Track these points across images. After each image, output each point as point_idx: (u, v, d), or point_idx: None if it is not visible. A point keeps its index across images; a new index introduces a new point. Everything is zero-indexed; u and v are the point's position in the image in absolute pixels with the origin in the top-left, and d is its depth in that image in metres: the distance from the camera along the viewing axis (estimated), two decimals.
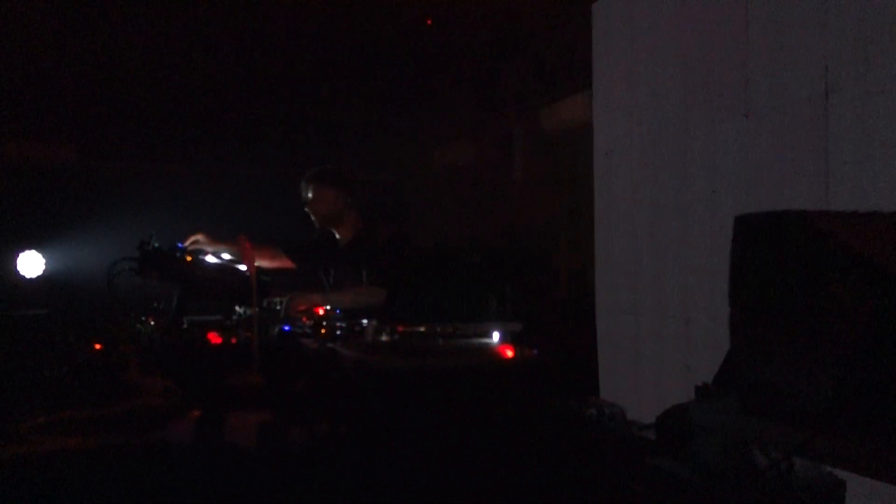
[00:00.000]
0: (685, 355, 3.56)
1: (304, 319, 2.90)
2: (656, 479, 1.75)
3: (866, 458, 1.11)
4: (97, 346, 2.61)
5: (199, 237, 3.39)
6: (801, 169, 2.93)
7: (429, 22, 5.57)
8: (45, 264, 6.64)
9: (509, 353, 2.15)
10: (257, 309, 2.66)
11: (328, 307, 3.13)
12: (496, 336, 2.32)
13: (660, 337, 3.77)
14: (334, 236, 3.89)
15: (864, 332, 1.15)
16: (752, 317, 1.42)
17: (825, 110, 2.82)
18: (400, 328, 2.53)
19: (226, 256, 3.31)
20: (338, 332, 2.60)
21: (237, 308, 3.01)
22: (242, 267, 3.07)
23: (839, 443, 1.15)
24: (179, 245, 3.23)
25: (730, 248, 1.50)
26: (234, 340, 2.61)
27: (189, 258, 3.08)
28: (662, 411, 2.00)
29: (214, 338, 2.63)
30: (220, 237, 3.46)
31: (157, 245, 2.97)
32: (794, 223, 1.38)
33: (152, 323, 2.90)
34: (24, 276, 6.55)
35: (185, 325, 2.90)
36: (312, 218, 3.82)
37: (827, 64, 2.82)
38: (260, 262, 3.36)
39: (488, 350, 2.23)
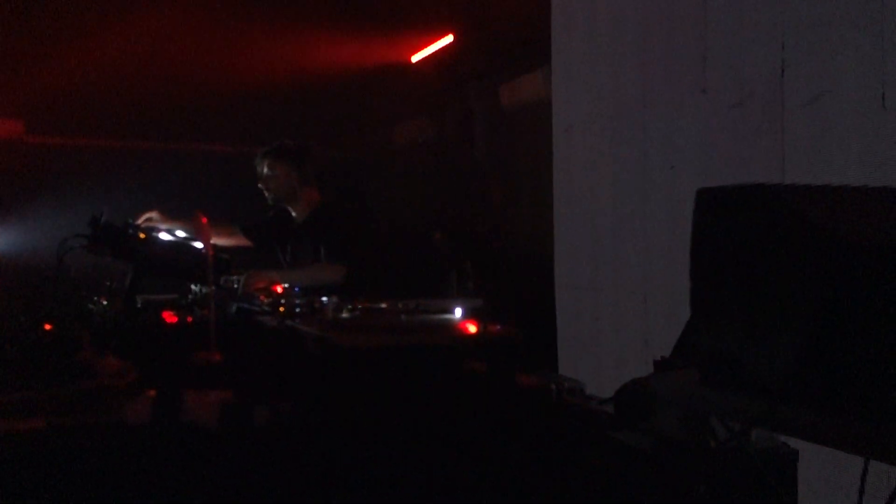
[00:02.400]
0: (644, 330, 3.60)
1: (261, 297, 2.86)
2: (615, 452, 1.76)
3: (823, 428, 1.13)
4: (47, 326, 2.55)
5: (153, 214, 3.32)
6: (757, 145, 2.96)
7: None
8: None
9: (472, 329, 2.14)
10: (214, 287, 2.62)
11: (286, 285, 3.09)
12: (458, 312, 2.32)
13: (619, 312, 3.81)
14: (290, 213, 3.84)
15: (821, 304, 1.16)
16: (712, 290, 1.43)
17: (781, 86, 2.85)
18: (361, 304, 2.51)
19: (180, 234, 3.25)
20: (297, 310, 2.57)
21: (193, 286, 2.96)
22: (198, 244, 3.01)
23: (797, 414, 1.17)
24: (132, 222, 3.16)
25: (688, 222, 1.51)
26: (189, 319, 2.57)
27: (143, 235, 3.01)
28: (621, 385, 2.02)
29: (170, 317, 2.59)
30: (174, 215, 3.39)
31: (109, 222, 2.89)
32: (754, 196, 1.38)
33: (105, 302, 2.84)
34: None
35: (139, 304, 2.85)
36: (266, 195, 3.77)
37: (783, 41, 2.84)
38: (216, 240, 3.31)
39: (451, 325, 2.23)
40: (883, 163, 2.44)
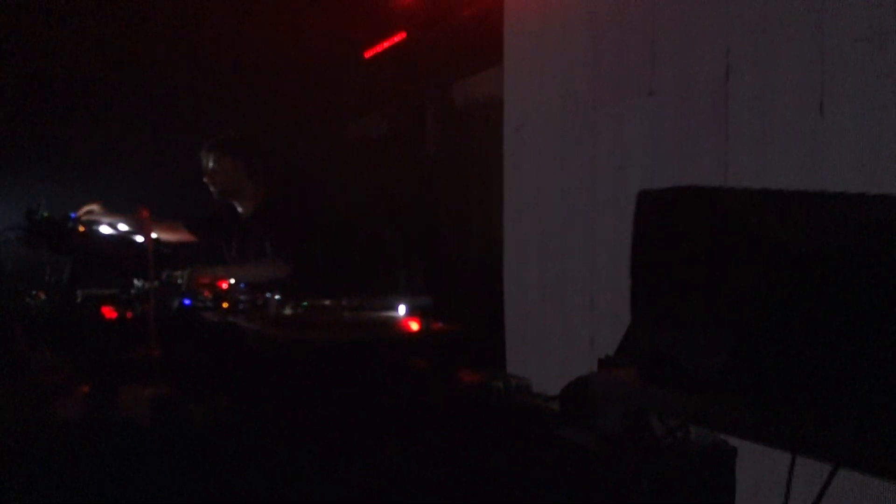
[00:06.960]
0: (590, 329, 3.64)
1: (206, 293, 2.82)
2: (560, 448, 1.78)
3: (753, 424, 1.15)
4: None
5: (94, 207, 3.24)
6: (701, 147, 3.01)
7: None
8: None
9: (414, 326, 2.14)
10: (155, 282, 2.57)
11: (231, 280, 3.05)
12: (402, 309, 2.31)
13: (566, 311, 3.84)
14: (236, 208, 3.79)
15: (754, 304, 1.18)
16: (653, 290, 1.45)
17: (726, 91, 2.90)
18: (306, 301, 2.49)
19: (122, 227, 3.18)
20: (240, 306, 2.55)
21: (135, 281, 2.91)
22: (140, 238, 2.95)
23: (732, 411, 1.19)
24: (72, 215, 3.08)
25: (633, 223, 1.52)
26: (129, 314, 2.53)
27: (82, 228, 2.94)
28: (567, 383, 2.04)
29: (109, 312, 2.55)
30: (116, 209, 3.32)
31: (46, 214, 2.82)
32: (695, 199, 1.40)
33: (43, 296, 2.77)
34: None
35: (78, 299, 2.78)
36: (211, 189, 3.70)
37: (729, 46, 2.90)
38: (159, 235, 3.25)
39: (393, 322, 2.22)
40: (820, 167, 2.50)
